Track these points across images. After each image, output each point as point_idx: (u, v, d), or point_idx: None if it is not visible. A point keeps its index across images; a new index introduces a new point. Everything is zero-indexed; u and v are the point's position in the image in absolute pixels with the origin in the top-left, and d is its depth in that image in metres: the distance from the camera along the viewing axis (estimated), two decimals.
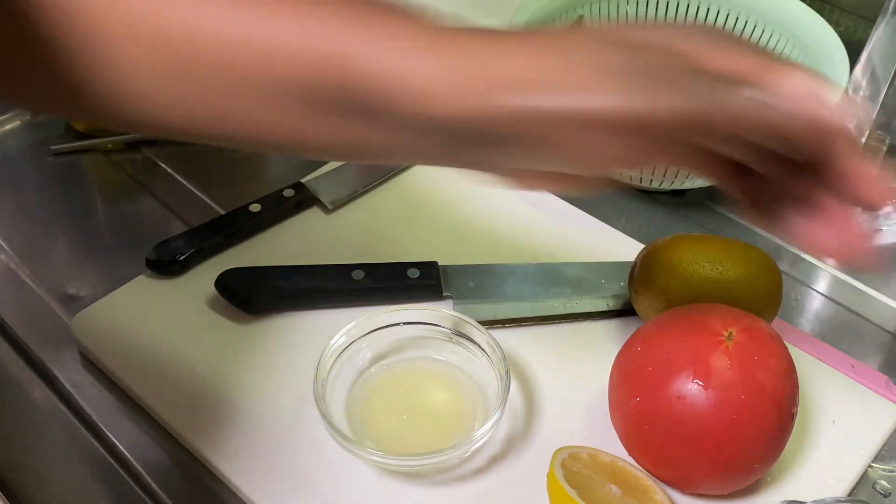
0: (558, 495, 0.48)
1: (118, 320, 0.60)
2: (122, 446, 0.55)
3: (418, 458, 0.50)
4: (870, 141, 0.66)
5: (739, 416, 0.47)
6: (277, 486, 0.51)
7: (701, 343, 0.48)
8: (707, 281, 0.56)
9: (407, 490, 0.52)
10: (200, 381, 0.56)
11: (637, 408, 0.50)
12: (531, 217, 0.69)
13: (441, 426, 0.54)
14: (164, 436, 0.55)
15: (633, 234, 0.68)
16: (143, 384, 0.57)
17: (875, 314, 0.65)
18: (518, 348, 0.59)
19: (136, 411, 0.56)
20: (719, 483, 0.51)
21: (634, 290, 0.59)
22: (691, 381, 0.47)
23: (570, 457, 0.50)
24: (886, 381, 0.58)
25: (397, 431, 0.53)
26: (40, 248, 0.67)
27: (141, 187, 0.72)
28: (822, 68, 0.70)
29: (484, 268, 0.63)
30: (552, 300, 0.61)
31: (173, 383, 0.57)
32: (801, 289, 0.66)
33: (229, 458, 0.53)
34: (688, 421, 0.48)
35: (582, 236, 0.67)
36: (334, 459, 0.52)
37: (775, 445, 0.49)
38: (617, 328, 0.61)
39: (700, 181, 0.68)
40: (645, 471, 0.51)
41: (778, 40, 0.75)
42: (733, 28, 0.78)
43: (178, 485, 0.53)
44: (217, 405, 0.55)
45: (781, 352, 0.49)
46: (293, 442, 0.53)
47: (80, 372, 0.59)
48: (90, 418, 0.56)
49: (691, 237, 0.58)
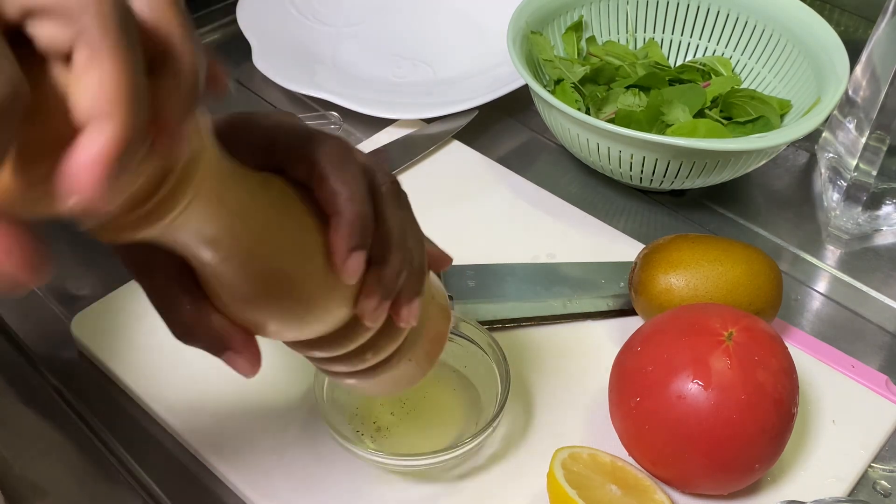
0: (558, 495, 0.48)
1: (118, 320, 0.60)
2: (122, 446, 0.55)
3: (418, 458, 0.50)
4: (869, 141, 0.66)
5: (739, 416, 0.47)
6: (277, 486, 0.51)
7: (701, 343, 0.48)
8: (707, 281, 0.56)
9: (407, 490, 0.52)
10: (200, 380, 0.56)
11: (637, 408, 0.50)
12: (531, 217, 0.69)
13: (441, 426, 0.54)
14: (164, 436, 0.55)
15: (633, 234, 0.68)
16: (142, 384, 0.56)
17: (875, 314, 0.64)
18: (518, 348, 0.59)
19: (136, 411, 0.56)
20: (719, 483, 0.51)
21: (634, 290, 0.59)
22: (691, 381, 0.47)
23: (570, 457, 0.50)
24: (886, 381, 0.58)
25: (397, 431, 0.53)
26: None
27: None
28: (822, 68, 0.70)
29: (484, 268, 0.63)
30: (552, 300, 0.61)
31: (173, 383, 0.57)
32: (801, 289, 0.66)
33: (229, 458, 0.53)
34: (688, 421, 0.48)
35: (582, 236, 0.67)
36: (334, 459, 0.52)
37: (775, 445, 0.49)
38: (617, 328, 0.61)
39: (700, 181, 0.68)
40: (645, 471, 0.51)
41: (778, 40, 0.76)
42: (733, 28, 0.78)
43: (178, 485, 0.53)
44: (217, 405, 0.55)
45: (781, 352, 0.49)
46: (293, 442, 0.53)
47: (80, 372, 0.59)
48: (90, 418, 0.56)
49: (691, 237, 0.58)
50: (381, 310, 0.38)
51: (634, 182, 0.70)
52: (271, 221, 0.34)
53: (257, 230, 0.33)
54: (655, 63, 0.78)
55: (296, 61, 0.82)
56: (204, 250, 0.33)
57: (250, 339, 0.37)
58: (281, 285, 0.35)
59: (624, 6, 0.80)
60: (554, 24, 0.78)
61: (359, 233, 0.36)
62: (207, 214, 0.31)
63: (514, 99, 0.78)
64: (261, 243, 0.34)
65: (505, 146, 0.77)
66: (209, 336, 0.37)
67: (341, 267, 0.36)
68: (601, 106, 0.73)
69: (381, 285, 0.38)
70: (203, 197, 0.30)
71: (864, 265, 0.68)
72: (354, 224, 0.36)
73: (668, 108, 0.71)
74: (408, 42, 0.87)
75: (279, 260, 0.35)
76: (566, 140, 0.70)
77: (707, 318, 0.50)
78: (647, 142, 0.63)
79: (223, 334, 0.37)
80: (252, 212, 0.33)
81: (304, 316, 0.37)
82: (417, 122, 0.77)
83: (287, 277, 0.35)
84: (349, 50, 0.86)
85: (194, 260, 0.34)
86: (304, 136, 0.37)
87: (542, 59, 0.74)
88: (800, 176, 0.76)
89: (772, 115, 0.71)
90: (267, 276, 0.35)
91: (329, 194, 0.36)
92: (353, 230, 0.36)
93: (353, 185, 0.36)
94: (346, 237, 0.36)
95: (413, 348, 0.43)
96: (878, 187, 0.68)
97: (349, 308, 0.38)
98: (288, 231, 0.35)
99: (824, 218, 0.72)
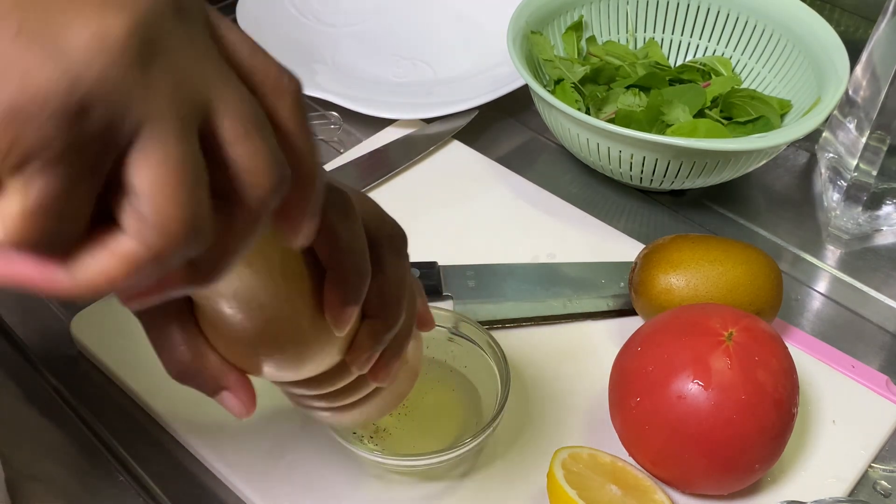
0: (558, 495, 0.48)
1: (118, 320, 0.60)
2: (122, 446, 0.55)
3: (418, 458, 0.50)
4: (870, 141, 0.66)
5: (740, 416, 0.47)
6: (277, 486, 0.51)
7: (701, 343, 0.48)
8: (707, 281, 0.56)
9: (407, 490, 0.52)
10: None
11: (637, 408, 0.50)
12: (531, 217, 0.69)
13: (441, 426, 0.54)
14: (164, 435, 0.55)
15: (633, 234, 0.68)
16: (142, 384, 0.56)
17: (875, 314, 0.64)
18: (518, 348, 0.59)
19: (136, 411, 0.56)
20: (719, 483, 0.51)
21: (634, 290, 0.59)
22: (691, 381, 0.47)
23: (570, 457, 0.50)
24: (886, 381, 0.58)
25: (397, 431, 0.53)
26: None
27: None
28: (823, 68, 0.70)
29: (484, 268, 0.63)
30: (552, 300, 0.61)
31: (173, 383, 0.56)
32: (801, 289, 0.66)
33: (229, 458, 0.53)
34: (688, 421, 0.48)
35: (582, 236, 0.67)
36: (334, 459, 0.52)
37: (775, 445, 0.49)
38: (617, 328, 0.61)
39: (700, 181, 0.68)
40: (645, 471, 0.51)
41: (778, 40, 0.75)
42: (733, 28, 0.78)
43: (178, 485, 0.53)
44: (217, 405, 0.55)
45: (782, 352, 0.49)
46: (293, 442, 0.53)
47: (79, 372, 0.59)
48: (90, 418, 0.56)
49: (691, 237, 0.58)
50: (369, 361, 0.39)
51: (634, 182, 0.70)
52: (280, 273, 0.35)
53: (269, 283, 0.34)
54: (655, 63, 0.78)
55: (295, 61, 0.82)
56: (219, 301, 0.33)
57: (245, 380, 0.38)
58: (283, 332, 0.36)
59: (624, 6, 0.80)
60: (554, 23, 0.78)
61: (353, 288, 0.36)
62: (234, 273, 0.32)
63: (514, 99, 0.78)
64: (270, 295, 0.34)
65: (505, 146, 0.77)
66: (205, 376, 0.37)
67: (332, 320, 0.36)
68: (601, 106, 0.73)
69: (373, 338, 0.38)
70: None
71: (864, 265, 0.68)
72: (348, 279, 0.36)
73: (668, 108, 0.71)
74: (408, 42, 0.87)
75: (285, 309, 0.35)
76: (566, 140, 0.70)
77: (707, 318, 0.50)
78: (647, 142, 0.63)
79: (219, 375, 0.37)
80: (267, 267, 0.34)
81: (299, 360, 0.38)
82: (417, 122, 0.77)
83: (289, 325, 0.36)
84: (349, 50, 0.86)
85: (205, 305, 0.35)
86: None
87: (542, 59, 0.74)
88: (800, 176, 0.76)
89: (772, 115, 0.71)
90: (271, 323, 0.35)
91: (328, 247, 0.36)
92: (347, 286, 0.36)
93: (351, 238, 0.36)
94: (341, 292, 0.36)
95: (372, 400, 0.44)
96: (878, 187, 0.68)
97: (340, 355, 0.39)
98: (294, 280, 0.35)
99: (824, 218, 0.72)
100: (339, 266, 0.36)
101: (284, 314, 0.35)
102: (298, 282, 0.36)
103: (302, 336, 0.36)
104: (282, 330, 0.36)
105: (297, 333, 0.36)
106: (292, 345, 0.36)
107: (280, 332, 0.36)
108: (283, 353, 0.37)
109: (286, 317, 0.35)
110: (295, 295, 0.36)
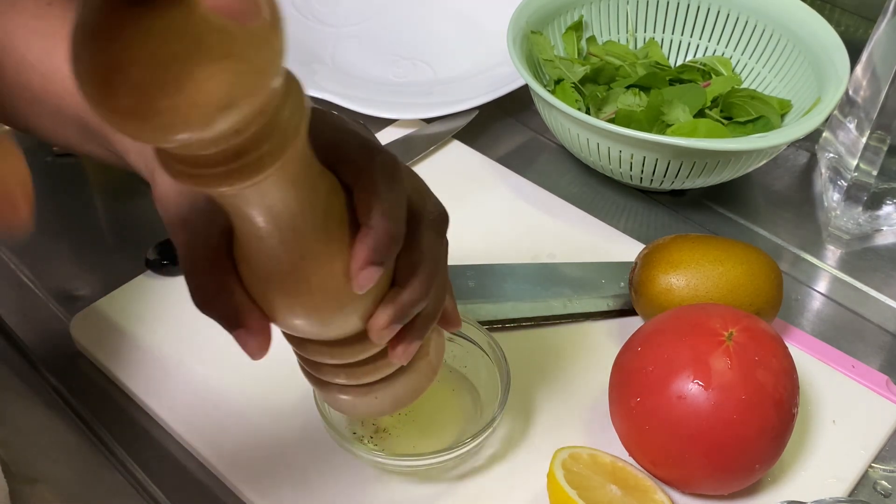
0: (558, 495, 0.48)
1: (118, 320, 0.60)
2: (122, 446, 0.55)
3: (418, 458, 0.50)
4: (870, 141, 0.66)
5: (740, 416, 0.47)
6: (277, 486, 0.51)
7: (701, 343, 0.48)
8: (707, 281, 0.56)
9: (407, 490, 0.52)
10: (200, 380, 0.56)
11: (637, 408, 0.50)
12: (531, 217, 0.69)
13: (441, 426, 0.54)
14: (164, 436, 0.55)
15: (633, 234, 0.68)
16: (142, 384, 0.56)
17: (875, 314, 0.64)
18: (518, 348, 0.59)
19: (136, 411, 0.56)
20: (719, 483, 0.51)
21: (634, 290, 0.59)
22: (692, 382, 0.47)
23: (570, 457, 0.50)
24: (886, 381, 0.58)
25: (397, 431, 0.53)
26: (40, 248, 0.67)
27: (141, 187, 0.72)
28: (823, 68, 0.70)
29: (484, 268, 0.63)
30: (552, 300, 0.61)
31: (173, 383, 0.57)
32: (801, 289, 0.66)
33: (229, 458, 0.53)
34: (688, 421, 0.48)
35: (582, 236, 0.67)
36: (334, 459, 0.52)
37: (776, 445, 0.49)
38: (617, 328, 0.61)
39: (700, 181, 0.68)
40: (645, 471, 0.51)
41: (778, 40, 0.75)
42: (733, 28, 0.78)
43: (178, 484, 0.53)
44: (217, 405, 0.55)
45: (782, 352, 0.49)
46: (293, 442, 0.53)
47: (79, 372, 0.58)
48: (89, 418, 0.56)
49: (691, 237, 0.58)
50: (388, 330, 0.39)
51: (634, 182, 0.70)
52: (322, 211, 0.35)
53: (311, 215, 0.35)
54: (655, 63, 0.78)
55: (295, 61, 0.82)
56: (260, 219, 0.34)
57: (265, 323, 0.38)
58: (313, 274, 0.36)
59: (624, 6, 0.80)
60: (554, 23, 0.78)
61: (381, 250, 0.36)
62: (281, 188, 0.32)
63: (514, 99, 0.78)
64: (309, 227, 0.35)
65: (505, 146, 0.77)
66: (228, 309, 0.37)
67: (354, 276, 0.36)
68: (601, 106, 0.73)
69: (397, 307, 0.38)
70: (285, 170, 0.31)
71: (864, 265, 0.68)
72: (379, 240, 0.36)
73: (668, 107, 0.71)
74: (408, 42, 0.87)
75: (318, 247, 0.36)
76: (566, 140, 0.70)
77: (707, 318, 0.50)
78: (647, 142, 0.63)
79: (242, 310, 0.37)
80: (312, 198, 0.34)
81: (325, 311, 0.37)
82: (417, 122, 0.77)
83: (321, 268, 0.36)
84: (349, 50, 0.86)
85: (245, 227, 0.35)
86: (364, 145, 0.38)
87: (542, 58, 0.74)
88: (800, 176, 0.76)
89: (772, 114, 0.71)
90: (302, 259, 0.35)
91: (366, 205, 0.36)
92: (376, 245, 0.36)
93: (392, 203, 0.37)
94: (368, 250, 0.36)
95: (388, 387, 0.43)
96: (878, 187, 0.68)
97: (361, 321, 0.39)
98: (332, 224, 0.36)
99: (825, 218, 0.72)
100: (373, 225, 0.36)
101: (317, 252, 0.36)
102: (336, 226, 0.36)
103: (331, 285, 0.36)
104: (313, 271, 0.36)
105: (327, 279, 0.36)
106: (320, 291, 0.36)
107: (311, 274, 0.36)
108: (311, 298, 0.37)
109: (319, 256, 0.36)
110: (331, 237, 0.36)
